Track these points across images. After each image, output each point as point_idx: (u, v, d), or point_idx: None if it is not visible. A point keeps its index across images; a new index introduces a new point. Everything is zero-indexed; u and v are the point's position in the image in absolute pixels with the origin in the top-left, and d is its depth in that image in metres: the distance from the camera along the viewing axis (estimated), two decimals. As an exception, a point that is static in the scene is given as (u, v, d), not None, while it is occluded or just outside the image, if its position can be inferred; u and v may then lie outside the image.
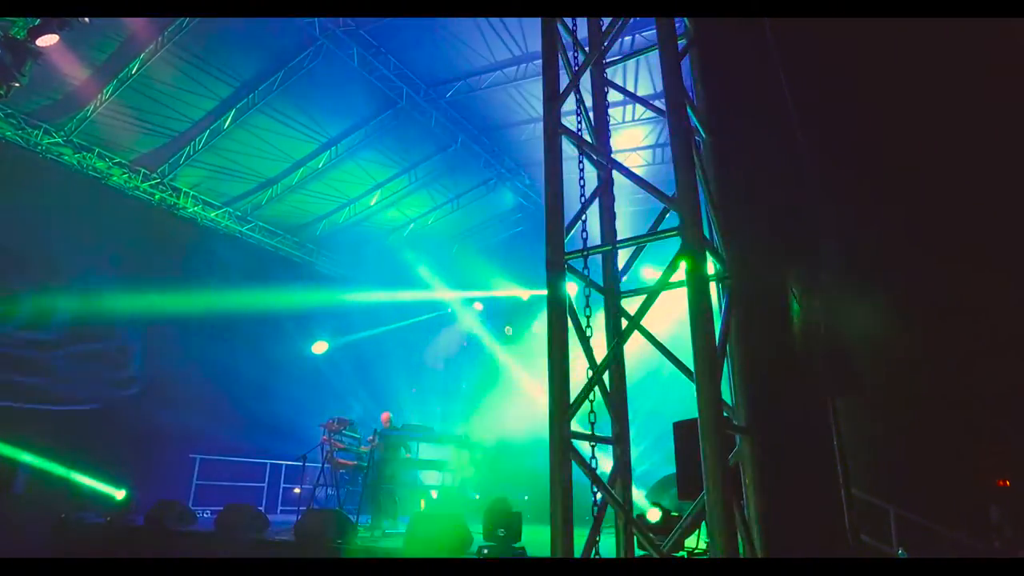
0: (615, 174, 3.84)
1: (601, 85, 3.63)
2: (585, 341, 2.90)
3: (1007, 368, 6.16)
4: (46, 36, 7.42)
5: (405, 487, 8.59)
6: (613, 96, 10.56)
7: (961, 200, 5.75)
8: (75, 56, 8.40)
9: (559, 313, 2.76)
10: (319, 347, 12.73)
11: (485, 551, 4.79)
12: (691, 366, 2.47)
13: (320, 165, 11.37)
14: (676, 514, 4.87)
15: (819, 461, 2.49)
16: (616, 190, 3.81)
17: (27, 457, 8.48)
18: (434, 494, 9.72)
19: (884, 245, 6.28)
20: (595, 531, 2.61)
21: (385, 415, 8.28)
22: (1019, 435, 6.09)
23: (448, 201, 13.35)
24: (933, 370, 6.46)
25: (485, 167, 11.92)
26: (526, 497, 12.24)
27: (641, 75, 8.90)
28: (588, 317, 2.95)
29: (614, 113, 10.31)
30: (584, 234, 3.10)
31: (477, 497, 10.57)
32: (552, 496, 2.48)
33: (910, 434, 6.65)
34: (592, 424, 2.76)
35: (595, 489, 2.62)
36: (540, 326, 13.82)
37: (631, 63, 8.74)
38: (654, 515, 4.92)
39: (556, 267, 2.86)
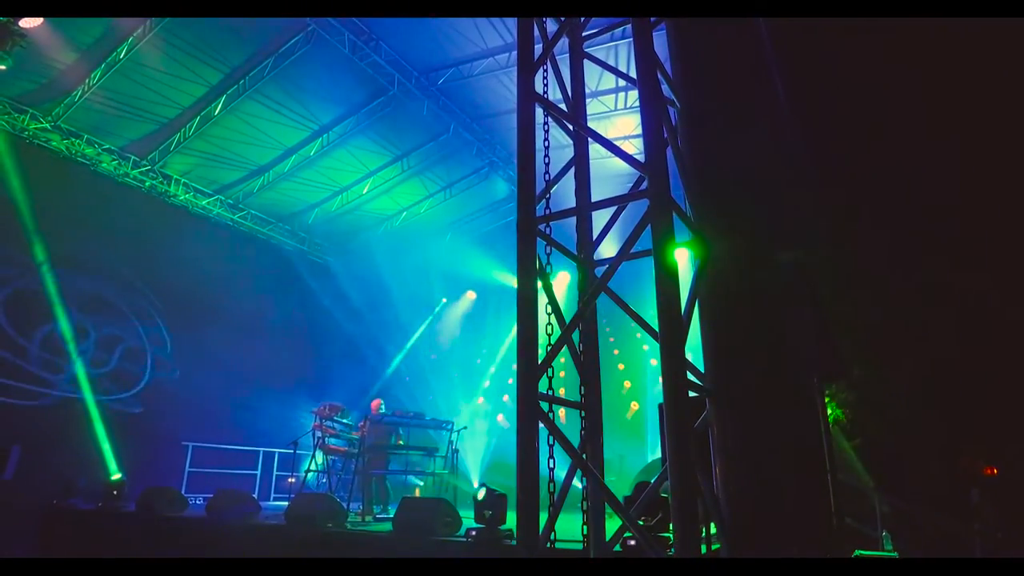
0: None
1: (579, 56, 3.64)
2: (554, 303, 2.94)
3: (993, 355, 6.24)
4: (29, 17, 7.33)
5: (396, 473, 8.63)
6: (606, 83, 10.40)
7: (954, 187, 5.78)
8: (61, 39, 8.30)
9: (529, 275, 2.80)
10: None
11: (474, 533, 4.84)
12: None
13: (312, 153, 11.31)
14: (665, 495, 4.93)
15: (792, 432, 2.52)
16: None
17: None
18: (417, 492, 9.77)
19: (874, 228, 6.32)
20: (560, 500, 2.62)
21: (375, 402, 8.29)
22: (1003, 421, 6.17)
23: (441, 190, 13.30)
24: (918, 357, 6.52)
25: (477, 155, 11.88)
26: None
27: (632, 60, 8.87)
28: (548, 275, 3.02)
29: (607, 100, 10.33)
30: (548, 195, 3.16)
31: (477, 488, 10.63)
32: (519, 460, 2.50)
33: (894, 420, 6.72)
34: (549, 379, 2.79)
35: (551, 465, 2.64)
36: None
37: (623, 48, 8.71)
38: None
39: (527, 231, 2.90)
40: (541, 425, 2.58)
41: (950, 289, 5.81)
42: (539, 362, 2.64)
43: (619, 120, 10.57)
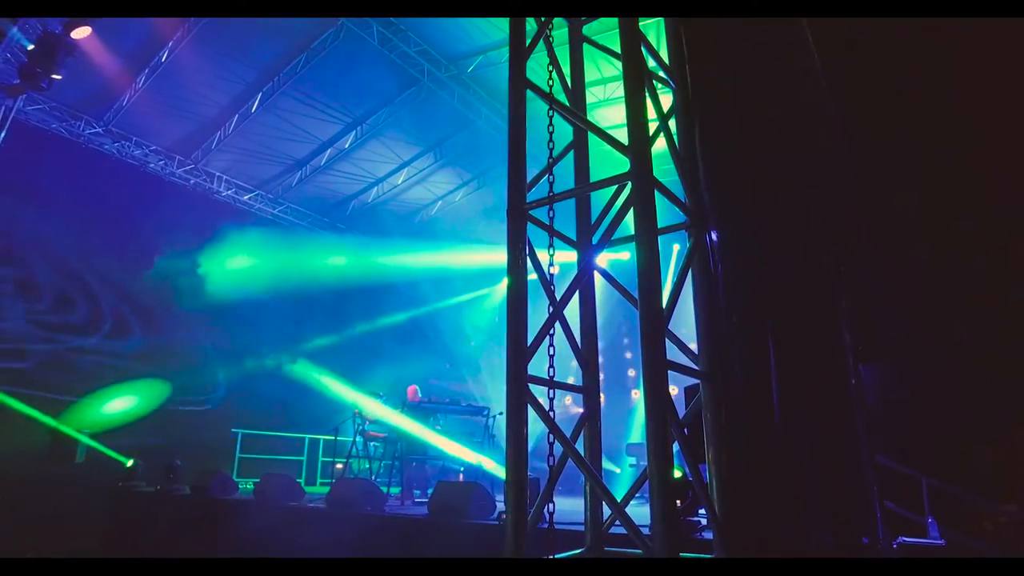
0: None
1: (578, 42, 3.58)
2: (546, 284, 2.95)
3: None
4: (79, 28, 7.72)
5: (434, 458, 8.79)
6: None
7: (1004, 157, 5.42)
8: (107, 47, 8.70)
9: (519, 257, 2.82)
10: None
11: (504, 516, 4.89)
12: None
13: (347, 145, 11.52)
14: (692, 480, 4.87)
15: (805, 417, 2.43)
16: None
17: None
18: (461, 477, 9.93)
19: (921, 205, 5.98)
20: (550, 488, 2.62)
21: (411, 388, 8.46)
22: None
23: (474, 177, 13.35)
24: (974, 336, 6.17)
25: (509, 142, 11.82)
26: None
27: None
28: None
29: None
30: (545, 179, 3.14)
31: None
32: (508, 442, 2.51)
33: (949, 403, 6.39)
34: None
35: (550, 439, 2.62)
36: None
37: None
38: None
39: (517, 215, 2.92)
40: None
41: (1004, 263, 5.47)
42: (528, 344, 2.65)
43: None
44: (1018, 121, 4.78)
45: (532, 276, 3.15)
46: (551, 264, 3.04)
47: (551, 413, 2.62)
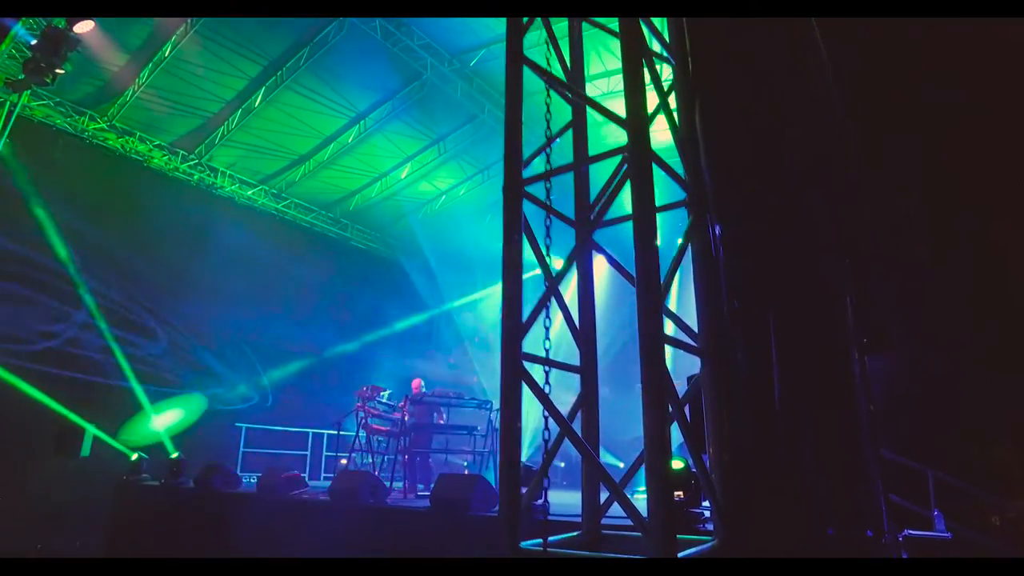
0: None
1: (577, 20, 3.55)
2: (542, 260, 2.94)
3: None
4: (81, 22, 7.73)
5: (438, 451, 8.79)
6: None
7: (1005, 158, 5.36)
8: (111, 42, 8.71)
9: (515, 235, 2.81)
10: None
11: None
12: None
13: (350, 140, 11.51)
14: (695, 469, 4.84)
15: (804, 399, 2.39)
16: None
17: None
18: (466, 471, 9.94)
19: (925, 200, 5.92)
20: (545, 466, 2.59)
21: (416, 382, 8.46)
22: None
23: (478, 172, 13.31)
24: (977, 335, 6.10)
25: (513, 136, 11.77)
26: (562, 464, 12.38)
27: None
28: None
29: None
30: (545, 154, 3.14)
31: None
32: (502, 424, 2.48)
33: (955, 398, 6.32)
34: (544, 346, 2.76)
35: (546, 413, 2.58)
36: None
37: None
38: (675, 464, 4.91)
39: (512, 192, 2.90)
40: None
41: (1004, 263, 5.40)
42: (523, 321, 2.62)
43: (651, 95, 10.24)
44: (1019, 121, 4.71)
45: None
46: (547, 238, 3.03)
47: (546, 387, 2.59)
